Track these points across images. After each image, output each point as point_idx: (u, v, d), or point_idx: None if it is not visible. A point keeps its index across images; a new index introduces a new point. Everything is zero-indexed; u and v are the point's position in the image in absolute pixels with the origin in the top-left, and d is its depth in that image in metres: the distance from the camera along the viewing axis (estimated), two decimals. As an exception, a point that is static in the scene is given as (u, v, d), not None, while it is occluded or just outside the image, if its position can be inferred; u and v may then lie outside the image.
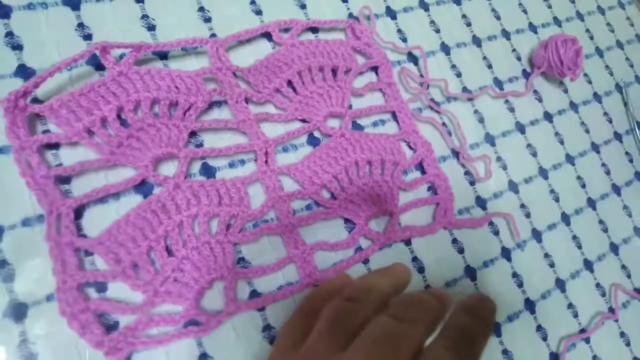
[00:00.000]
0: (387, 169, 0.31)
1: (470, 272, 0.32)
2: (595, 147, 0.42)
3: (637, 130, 0.44)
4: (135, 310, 0.24)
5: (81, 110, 0.25)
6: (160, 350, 0.24)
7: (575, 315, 0.35)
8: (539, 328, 0.33)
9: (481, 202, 0.35)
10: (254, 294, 0.27)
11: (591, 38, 0.46)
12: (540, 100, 0.41)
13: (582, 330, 0.35)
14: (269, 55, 0.30)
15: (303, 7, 0.34)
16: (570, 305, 0.35)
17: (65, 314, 0.22)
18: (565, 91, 0.42)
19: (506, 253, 0.34)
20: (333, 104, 0.31)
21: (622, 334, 0.37)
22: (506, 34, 0.41)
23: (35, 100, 0.25)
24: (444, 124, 0.36)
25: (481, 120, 0.37)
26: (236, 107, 0.29)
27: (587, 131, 0.42)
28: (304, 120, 0.31)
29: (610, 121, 0.44)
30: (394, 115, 0.34)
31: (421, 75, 0.36)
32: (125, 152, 0.26)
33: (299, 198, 0.29)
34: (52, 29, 0.27)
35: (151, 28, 0.29)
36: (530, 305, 0.33)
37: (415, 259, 0.31)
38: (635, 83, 0.46)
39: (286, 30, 0.32)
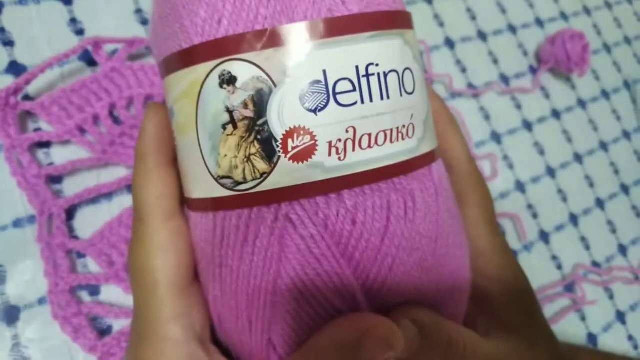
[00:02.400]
0: None
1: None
2: (603, 146, 0.41)
3: (646, 127, 0.43)
4: (129, 314, 0.23)
5: (73, 108, 0.24)
6: (154, 355, 0.23)
7: (583, 319, 0.34)
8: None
9: (486, 202, 0.34)
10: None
11: (598, 34, 0.45)
12: (547, 97, 0.40)
13: (591, 335, 0.34)
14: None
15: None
16: (579, 310, 0.34)
17: (57, 317, 0.22)
18: (573, 88, 0.41)
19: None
20: None
21: (630, 337, 0.36)
22: (512, 29, 0.40)
23: (27, 98, 0.25)
24: (448, 121, 0.35)
25: (487, 118, 0.37)
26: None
27: (595, 129, 0.41)
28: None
29: (619, 119, 0.43)
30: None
31: (424, 71, 0.35)
32: (117, 151, 0.25)
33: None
34: (43, 25, 0.26)
35: (145, 22, 0.28)
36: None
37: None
38: (644, 79, 0.45)
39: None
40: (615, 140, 0.42)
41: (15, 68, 0.25)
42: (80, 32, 0.27)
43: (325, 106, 0.12)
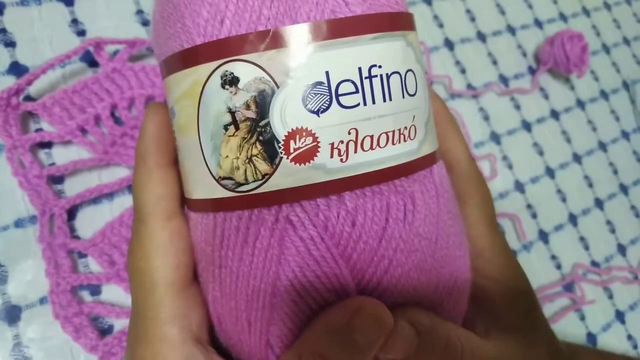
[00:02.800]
0: None
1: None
2: (602, 146, 0.41)
3: (645, 128, 0.43)
4: (130, 314, 0.23)
5: (74, 108, 0.24)
6: (155, 354, 0.23)
7: (582, 318, 0.35)
8: (545, 331, 0.33)
9: (486, 202, 0.34)
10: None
11: (597, 34, 0.45)
12: (546, 97, 0.40)
13: (590, 334, 0.34)
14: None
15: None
16: (578, 309, 0.34)
17: (59, 317, 0.22)
18: (572, 88, 0.41)
19: (511, 254, 0.33)
20: None
21: (630, 337, 0.36)
22: (511, 30, 0.40)
23: (28, 98, 0.25)
24: (447, 122, 0.35)
25: (486, 118, 0.37)
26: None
27: (594, 129, 0.41)
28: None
29: (618, 119, 0.43)
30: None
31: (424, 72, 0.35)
32: (119, 151, 0.25)
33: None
34: (45, 25, 0.26)
35: (146, 23, 0.28)
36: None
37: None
38: (643, 80, 0.45)
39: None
40: (614, 141, 0.42)
41: (16, 69, 0.25)
42: (81, 32, 0.27)
43: (327, 108, 0.12)
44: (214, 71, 0.12)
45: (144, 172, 0.15)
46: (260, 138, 0.12)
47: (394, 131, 0.13)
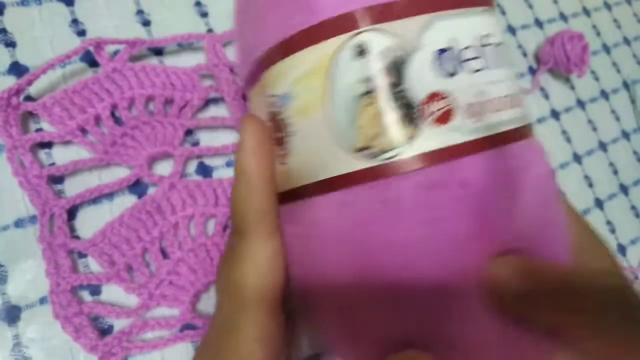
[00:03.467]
0: None
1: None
2: (602, 146, 0.41)
3: (645, 128, 0.43)
4: (130, 314, 0.23)
5: (74, 108, 0.24)
6: (155, 354, 0.24)
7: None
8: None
9: (486, 202, 0.34)
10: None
11: (598, 34, 0.45)
12: (546, 97, 0.40)
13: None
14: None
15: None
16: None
17: (58, 317, 0.22)
18: (572, 88, 0.41)
19: (511, 254, 0.33)
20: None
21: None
22: (511, 30, 0.40)
23: (28, 98, 0.25)
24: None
25: (486, 118, 0.37)
26: (233, 104, 0.28)
27: (595, 129, 0.41)
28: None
29: (618, 119, 0.43)
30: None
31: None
32: (119, 151, 0.25)
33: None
34: (45, 26, 0.26)
35: (146, 23, 0.29)
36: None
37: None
38: (643, 80, 0.45)
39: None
40: (615, 141, 0.42)
41: (17, 69, 0.25)
42: (81, 33, 0.27)
43: (457, 71, 0.13)
44: (344, 43, 0.13)
45: (247, 187, 0.15)
46: (398, 104, 0.13)
47: (510, 96, 0.14)
